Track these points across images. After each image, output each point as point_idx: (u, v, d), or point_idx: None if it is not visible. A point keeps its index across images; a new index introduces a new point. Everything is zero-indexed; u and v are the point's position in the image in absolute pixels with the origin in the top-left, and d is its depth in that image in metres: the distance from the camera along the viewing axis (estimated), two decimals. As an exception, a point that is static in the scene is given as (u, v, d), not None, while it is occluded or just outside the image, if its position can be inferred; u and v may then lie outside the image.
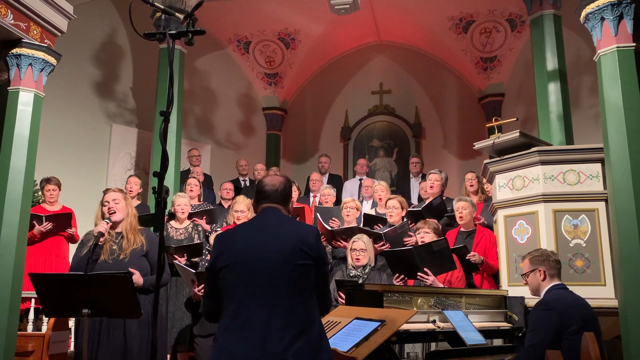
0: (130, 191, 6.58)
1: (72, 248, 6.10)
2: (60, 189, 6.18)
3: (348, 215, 5.57)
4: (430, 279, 4.15)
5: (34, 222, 5.61)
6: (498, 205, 4.59)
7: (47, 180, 6.13)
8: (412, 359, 3.10)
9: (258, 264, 2.22)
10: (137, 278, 3.33)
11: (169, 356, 4.96)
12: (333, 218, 5.60)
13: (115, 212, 3.50)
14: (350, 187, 8.05)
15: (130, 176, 6.89)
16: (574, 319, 2.99)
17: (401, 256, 4.34)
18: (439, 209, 5.46)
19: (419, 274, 4.19)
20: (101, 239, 3.44)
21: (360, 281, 4.48)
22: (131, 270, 3.31)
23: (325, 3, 7.18)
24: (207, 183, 7.89)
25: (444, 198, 5.85)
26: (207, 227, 5.83)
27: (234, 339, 2.15)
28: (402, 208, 5.37)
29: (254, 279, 2.21)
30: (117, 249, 3.44)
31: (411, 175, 7.92)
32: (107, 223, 3.47)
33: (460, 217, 4.87)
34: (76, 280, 2.94)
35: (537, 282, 3.27)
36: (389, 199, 5.45)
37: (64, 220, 5.83)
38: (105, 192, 3.64)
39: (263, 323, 2.14)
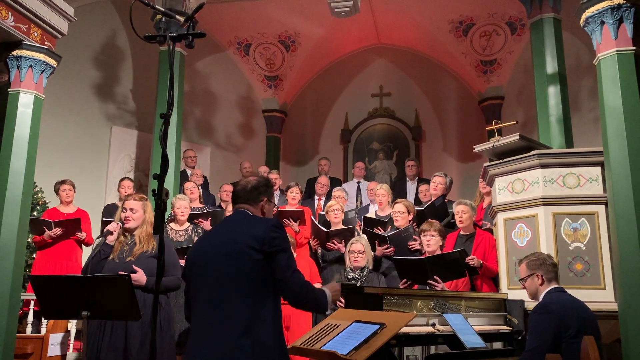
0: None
1: (85, 251, 6.14)
2: (75, 190, 6.20)
3: (336, 217, 5.56)
4: (440, 286, 4.20)
5: (44, 227, 5.64)
6: (498, 208, 4.59)
7: (61, 182, 6.18)
8: (411, 362, 3.10)
9: (206, 268, 2.27)
10: (140, 276, 3.33)
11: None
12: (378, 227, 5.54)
13: (130, 221, 3.52)
14: (348, 190, 8.03)
15: (123, 179, 6.81)
16: (572, 321, 3.01)
17: (412, 264, 4.36)
18: (440, 210, 5.48)
19: (429, 281, 4.22)
20: (109, 238, 3.48)
21: (358, 283, 4.48)
22: (135, 267, 3.34)
23: (326, 6, 7.18)
24: (204, 185, 7.89)
25: (446, 200, 5.86)
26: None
27: (193, 342, 2.21)
28: (409, 212, 5.35)
29: (204, 283, 2.26)
30: (127, 249, 3.47)
31: (407, 178, 7.92)
32: (118, 224, 3.51)
33: (461, 221, 4.87)
34: (75, 283, 2.94)
35: (535, 286, 3.30)
36: (396, 202, 5.43)
37: (73, 225, 5.84)
38: (127, 197, 3.63)
39: (211, 325, 2.16)
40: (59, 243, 5.87)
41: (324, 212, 6.23)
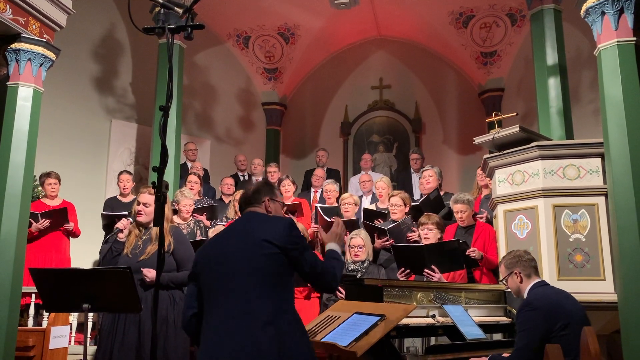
0: (125, 188, 6.56)
1: (73, 243, 6.12)
2: (60, 183, 6.19)
3: (347, 211, 5.59)
4: (437, 276, 4.20)
5: (31, 219, 5.62)
6: (498, 200, 4.60)
7: (47, 175, 6.14)
8: (411, 354, 3.10)
9: (225, 263, 2.26)
10: (151, 275, 3.33)
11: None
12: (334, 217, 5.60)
13: (143, 215, 3.52)
14: (355, 182, 8.05)
15: (121, 173, 6.77)
16: (560, 315, 2.99)
17: (410, 252, 4.37)
18: (436, 202, 5.50)
19: (425, 270, 4.22)
20: (119, 235, 3.51)
21: (358, 275, 4.50)
22: (144, 269, 3.34)
23: (325, -2, 7.16)
24: (205, 177, 7.90)
25: (442, 193, 5.88)
26: (208, 222, 5.84)
27: (210, 342, 2.19)
28: (405, 204, 5.37)
29: (221, 279, 2.25)
30: (141, 245, 3.47)
31: (412, 171, 7.91)
32: (128, 220, 3.53)
33: (461, 220, 4.88)
34: (76, 275, 2.94)
35: (516, 284, 3.30)
36: (392, 195, 5.45)
37: (60, 215, 5.82)
38: (142, 190, 3.63)
39: (233, 316, 2.16)
40: (47, 235, 5.84)
41: (319, 204, 6.25)
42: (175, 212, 5.62)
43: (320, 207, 5.86)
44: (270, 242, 2.23)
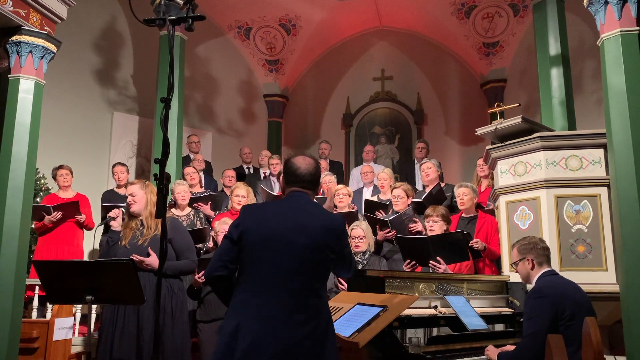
0: (120, 180, 6.57)
1: (86, 235, 6.17)
2: (72, 175, 6.24)
3: (341, 201, 5.60)
4: (443, 267, 4.20)
5: (43, 212, 5.67)
6: (500, 191, 4.59)
7: (58, 167, 6.25)
8: (413, 344, 3.11)
9: (289, 248, 2.25)
10: (153, 260, 3.37)
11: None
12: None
13: (133, 204, 3.57)
14: (356, 174, 8.03)
15: (115, 165, 6.76)
16: (568, 304, 2.99)
17: (415, 244, 4.37)
18: (438, 197, 5.50)
19: (431, 262, 4.23)
20: (113, 224, 3.59)
21: (360, 267, 4.51)
22: (150, 251, 3.38)
23: (326, -12, 7.12)
24: (207, 170, 7.90)
25: (443, 185, 5.88)
26: (211, 212, 5.84)
27: (254, 319, 2.19)
28: (408, 196, 5.38)
29: (282, 262, 2.24)
30: (138, 235, 3.50)
31: (416, 161, 7.89)
32: (120, 209, 3.61)
33: (462, 203, 4.89)
34: (79, 267, 2.96)
35: (527, 270, 3.27)
36: (395, 187, 5.45)
37: (71, 208, 5.88)
38: (128, 183, 3.78)
39: (283, 306, 2.19)
40: (60, 228, 5.91)
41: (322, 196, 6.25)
42: (174, 204, 5.63)
43: (316, 199, 5.85)
44: (331, 248, 2.32)
